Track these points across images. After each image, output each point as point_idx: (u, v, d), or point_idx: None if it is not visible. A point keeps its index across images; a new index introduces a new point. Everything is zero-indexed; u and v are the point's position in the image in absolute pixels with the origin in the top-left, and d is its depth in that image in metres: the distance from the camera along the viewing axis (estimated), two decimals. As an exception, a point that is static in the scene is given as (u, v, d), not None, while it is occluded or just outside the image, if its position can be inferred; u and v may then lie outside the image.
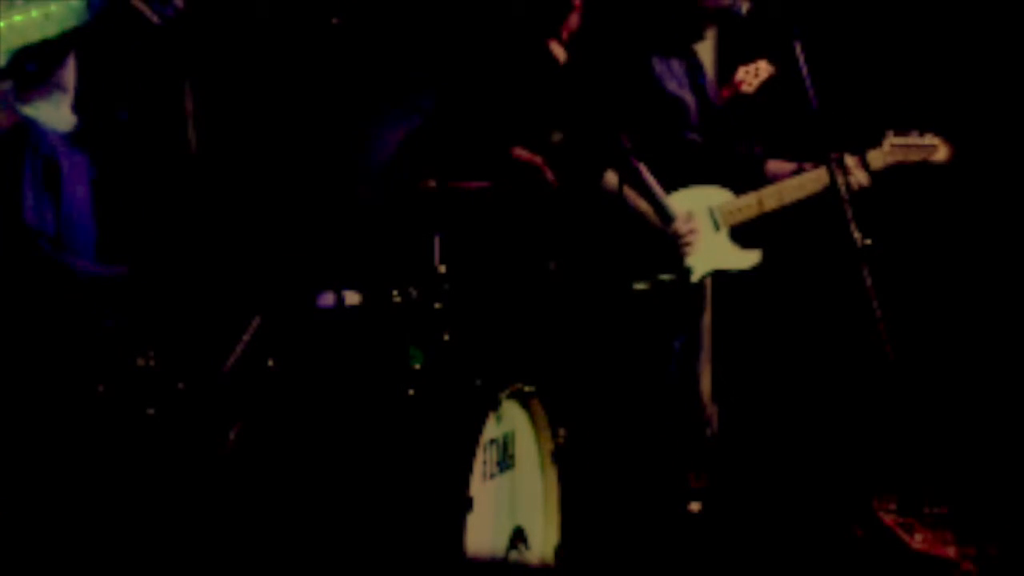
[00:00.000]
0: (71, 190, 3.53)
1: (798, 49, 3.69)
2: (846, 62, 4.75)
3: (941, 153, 4.14)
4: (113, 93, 3.55)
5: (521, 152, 4.11)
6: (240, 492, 3.20)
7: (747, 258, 4.09)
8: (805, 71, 3.69)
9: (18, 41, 2.94)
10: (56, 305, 3.57)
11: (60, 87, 3.31)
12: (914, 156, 4.11)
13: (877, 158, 4.08)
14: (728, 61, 5.06)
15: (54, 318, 3.53)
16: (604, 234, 4.00)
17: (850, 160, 4.01)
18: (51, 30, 3.00)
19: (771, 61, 4.71)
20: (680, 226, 3.97)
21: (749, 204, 4.07)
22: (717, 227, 4.06)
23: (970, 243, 4.87)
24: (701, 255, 4.02)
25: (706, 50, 4.98)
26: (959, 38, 4.83)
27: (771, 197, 4.07)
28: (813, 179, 4.04)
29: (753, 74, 4.70)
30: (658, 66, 4.10)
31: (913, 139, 4.10)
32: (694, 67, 4.19)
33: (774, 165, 4.23)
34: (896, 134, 4.10)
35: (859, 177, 4.02)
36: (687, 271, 4.01)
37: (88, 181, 3.67)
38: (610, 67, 4.11)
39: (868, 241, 3.70)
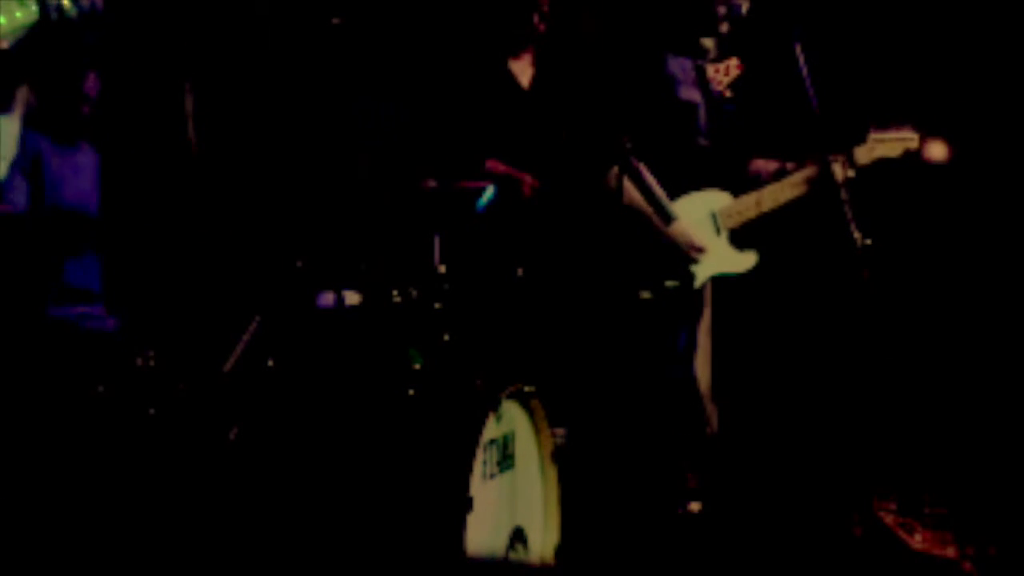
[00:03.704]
0: (61, 179, 3.58)
1: (798, 49, 3.69)
2: (845, 62, 4.75)
3: (939, 152, 4.14)
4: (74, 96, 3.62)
5: (496, 164, 4.11)
6: (241, 492, 3.20)
7: (745, 260, 4.09)
8: (805, 71, 3.69)
9: None
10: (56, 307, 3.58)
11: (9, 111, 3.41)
12: (895, 150, 4.12)
13: (862, 154, 4.09)
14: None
15: (54, 320, 3.53)
16: (607, 240, 4.01)
17: (838, 158, 4.02)
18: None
19: (771, 61, 4.71)
20: (688, 230, 3.98)
21: (748, 206, 4.07)
22: (718, 231, 4.06)
23: (970, 243, 4.86)
24: (704, 260, 4.03)
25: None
26: (959, 38, 4.83)
27: (768, 198, 4.08)
28: (804, 177, 4.06)
29: (723, 72, 4.66)
30: (672, 67, 4.11)
31: (891, 134, 4.12)
32: (702, 66, 4.18)
33: (756, 164, 4.24)
34: (876, 129, 4.12)
35: (839, 175, 4.01)
36: (691, 277, 4.01)
37: (94, 174, 3.72)
38: (622, 69, 4.12)
39: (868, 241, 3.70)
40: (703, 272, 4.04)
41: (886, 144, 4.12)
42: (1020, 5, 4.75)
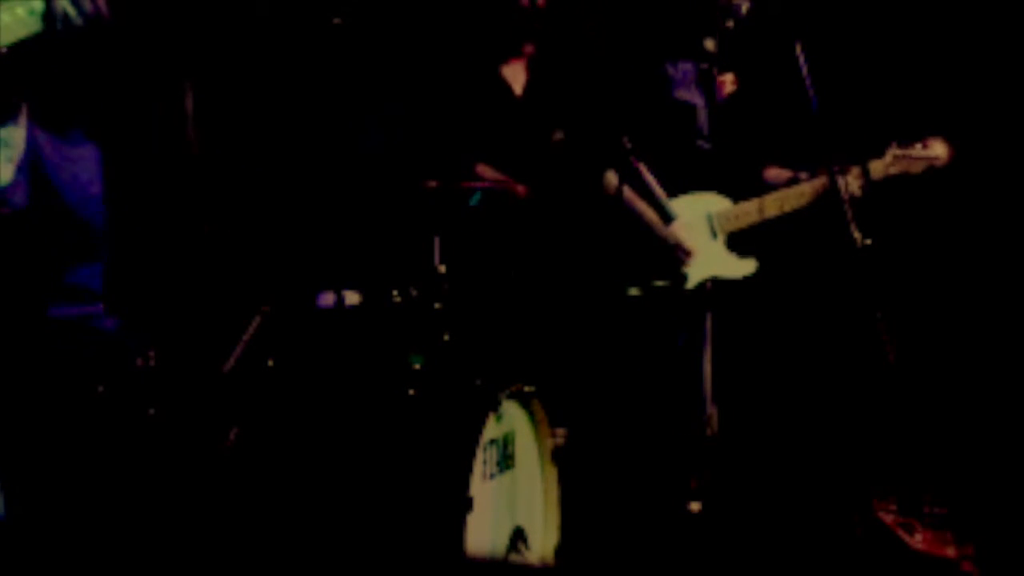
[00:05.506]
0: (61, 178, 3.58)
1: (798, 49, 3.68)
2: (846, 62, 4.74)
3: (941, 157, 4.12)
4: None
5: (485, 170, 4.11)
6: (240, 492, 3.20)
7: (742, 267, 4.08)
8: (805, 71, 3.68)
9: None
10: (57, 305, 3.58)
11: (7, 144, 3.39)
12: (917, 167, 4.05)
13: (878, 168, 4.03)
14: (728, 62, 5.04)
15: (54, 320, 3.53)
16: (600, 238, 4.01)
17: (852, 170, 3.98)
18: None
19: (770, 62, 4.70)
20: (679, 232, 3.97)
21: (748, 212, 4.06)
22: (715, 234, 4.05)
23: (970, 243, 4.86)
24: (697, 262, 4.02)
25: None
26: (959, 38, 4.83)
27: (772, 205, 4.05)
28: (813, 187, 4.03)
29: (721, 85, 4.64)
30: (670, 70, 4.10)
31: (916, 151, 4.04)
32: (706, 69, 4.17)
33: (772, 172, 4.23)
34: (899, 145, 4.06)
35: (853, 186, 3.97)
36: (682, 278, 4.00)
37: (95, 173, 3.71)
38: (619, 71, 4.11)
39: (868, 241, 3.70)
40: (696, 274, 4.03)
41: (906, 161, 4.03)
42: (1020, 5, 4.75)
